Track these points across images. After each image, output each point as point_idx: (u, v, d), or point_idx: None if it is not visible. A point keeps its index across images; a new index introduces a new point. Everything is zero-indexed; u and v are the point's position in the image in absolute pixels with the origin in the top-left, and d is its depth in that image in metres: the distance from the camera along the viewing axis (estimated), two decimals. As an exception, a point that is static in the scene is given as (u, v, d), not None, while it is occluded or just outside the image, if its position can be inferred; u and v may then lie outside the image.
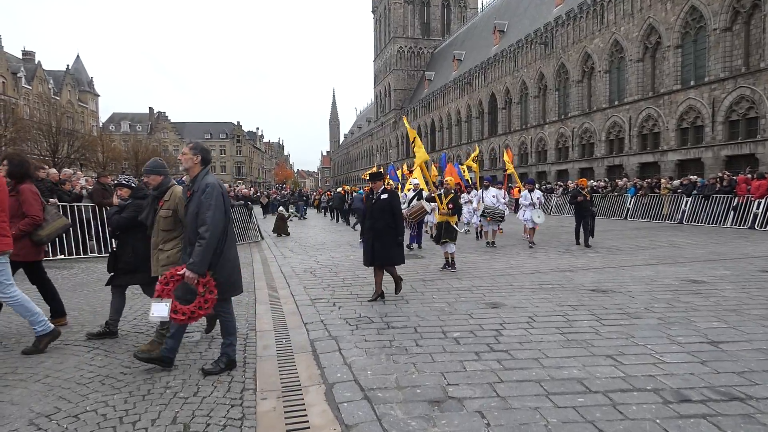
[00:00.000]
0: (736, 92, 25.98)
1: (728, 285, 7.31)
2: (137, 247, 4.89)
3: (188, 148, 4.16)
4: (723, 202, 17.48)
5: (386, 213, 6.58)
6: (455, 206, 9.12)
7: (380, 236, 6.53)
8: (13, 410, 3.34)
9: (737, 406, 3.32)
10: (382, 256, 6.58)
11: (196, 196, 4.00)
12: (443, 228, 8.95)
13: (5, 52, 53.49)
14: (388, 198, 6.66)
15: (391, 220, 6.57)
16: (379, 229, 6.56)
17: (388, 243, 6.52)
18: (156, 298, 3.88)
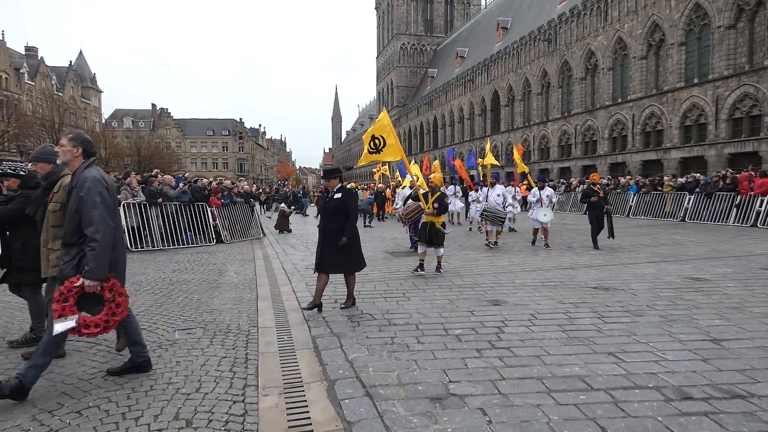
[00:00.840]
0: (740, 90, 25.87)
1: (730, 283, 7.29)
2: (27, 243, 4.41)
3: (67, 140, 3.70)
4: (726, 200, 17.43)
5: (339, 215, 5.88)
6: (441, 206, 8.31)
7: (332, 241, 5.81)
8: (16, 406, 3.36)
9: (739, 403, 3.32)
10: (335, 264, 5.86)
11: (74, 192, 3.57)
12: (428, 230, 8.32)
13: (8, 48, 53.52)
14: (341, 198, 5.96)
15: (344, 223, 5.84)
16: (330, 233, 5.86)
17: (343, 248, 5.79)
18: (58, 318, 3.42)
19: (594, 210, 11.43)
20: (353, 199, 6.14)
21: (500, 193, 12.00)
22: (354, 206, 6.04)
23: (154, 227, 12.20)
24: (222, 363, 4.19)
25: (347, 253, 5.87)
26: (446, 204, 8.47)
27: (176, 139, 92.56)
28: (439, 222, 8.39)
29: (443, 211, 8.39)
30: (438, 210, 8.30)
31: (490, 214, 11.43)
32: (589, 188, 11.59)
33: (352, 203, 6.04)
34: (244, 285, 7.72)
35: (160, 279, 8.09)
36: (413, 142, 76.70)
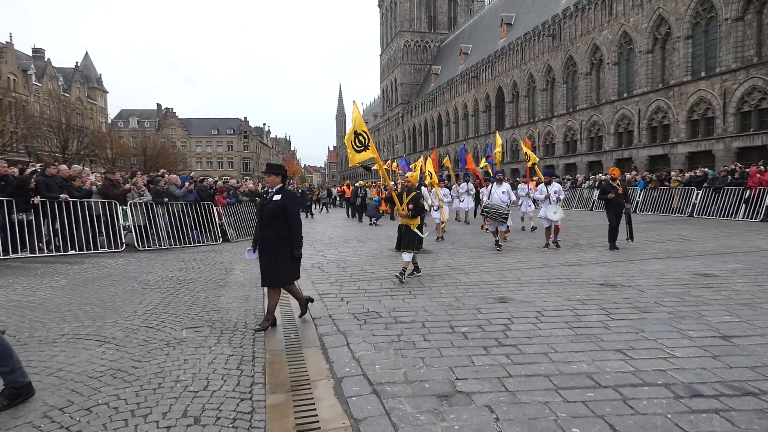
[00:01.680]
0: (748, 83, 25.64)
1: (740, 278, 7.23)
2: None
3: None
4: (734, 195, 17.28)
5: (278, 219, 5.15)
6: (416, 207, 7.68)
7: (268, 249, 5.15)
8: (27, 403, 3.38)
9: (750, 401, 3.29)
10: (270, 275, 5.17)
11: None
12: (402, 233, 7.74)
13: (16, 50, 53.87)
14: (281, 200, 5.19)
15: (284, 229, 5.14)
16: (267, 240, 5.17)
17: (279, 258, 5.11)
18: None
19: (612, 208, 10.54)
20: (295, 202, 5.35)
21: (505, 190, 11.20)
22: (295, 211, 5.28)
23: (161, 226, 12.25)
24: (229, 361, 4.20)
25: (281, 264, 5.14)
26: (421, 205, 7.75)
27: (181, 139, 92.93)
28: (414, 224, 7.69)
29: (418, 212, 7.73)
30: (413, 211, 7.68)
31: (491, 211, 10.78)
32: (608, 184, 10.71)
33: (294, 207, 5.26)
34: (250, 283, 7.74)
35: (168, 278, 8.13)
36: (417, 139, 76.59)
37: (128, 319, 5.54)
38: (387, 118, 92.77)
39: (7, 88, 47.63)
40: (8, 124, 40.36)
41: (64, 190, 10.66)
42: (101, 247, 11.09)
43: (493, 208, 10.74)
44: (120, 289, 7.16)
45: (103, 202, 11.33)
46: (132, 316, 5.64)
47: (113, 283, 7.61)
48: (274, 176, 5.40)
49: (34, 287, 7.26)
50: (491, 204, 10.87)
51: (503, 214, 10.72)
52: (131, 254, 10.97)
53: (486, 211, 10.92)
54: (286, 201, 5.21)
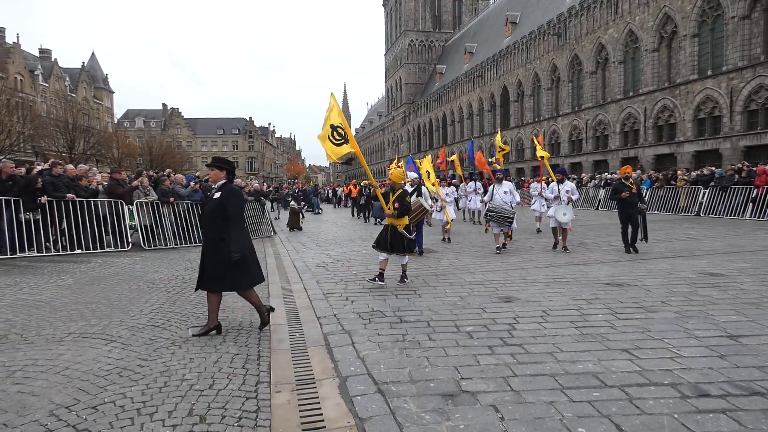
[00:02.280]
0: (755, 81, 25.46)
1: (747, 278, 7.18)
2: None
3: None
4: (741, 194, 17.17)
5: (218, 219, 4.72)
6: (402, 206, 7.15)
7: (210, 251, 4.80)
8: (33, 401, 3.41)
9: (758, 400, 3.27)
10: (210, 279, 4.79)
11: None
12: (389, 234, 7.16)
13: (23, 51, 54.24)
14: (220, 198, 4.77)
15: (224, 229, 4.70)
16: (208, 242, 4.84)
17: (219, 261, 4.72)
18: None
19: (625, 208, 9.91)
20: (235, 199, 4.83)
21: (508, 190, 10.50)
22: (236, 209, 4.81)
23: (167, 226, 12.30)
24: (235, 360, 4.21)
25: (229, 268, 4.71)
26: (408, 204, 7.28)
27: (187, 139, 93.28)
28: (401, 225, 7.22)
29: (405, 211, 7.24)
30: (399, 211, 7.16)
31: (495, 214, 10.15)
32: (620, 183, 10.04)
33: (234, 205, 4.77)
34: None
35: (173, 277, 8.16)
36: (422, 139, 76.54)
37: (134, 317, 5.57)
38: (392, 117, 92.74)
39: (14, 88, 47.98)
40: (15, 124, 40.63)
41: (71, 190, 10.72)
42: (107, 246, 11.15)
43: (496, 210, 10.17)
44: (126, 288, 7.20)
45: (110, 202, 11.39)
46: (138, 315, 5.67)
47: (119, 282, 7.64)
48: (217, 171, 4.92)
49: (41, 286, 7.31)
50: (494, 206, 10.29)
51: (508, 217, 10.14)
52: (137, 253, 11.02)
53: (489, 214, 10.32)
54: (225, 198, 4.74)
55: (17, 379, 3.80)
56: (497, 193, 10.45)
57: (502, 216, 10.12)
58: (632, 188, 9.85)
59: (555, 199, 10.78)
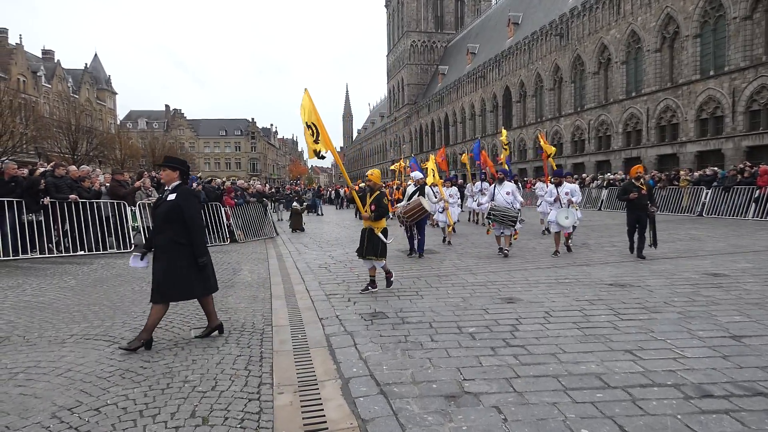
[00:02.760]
0: (757, 81, 25.41)
1: (750, 278, 7.16)
2: None
3: None
4: (744, 194, 17.13)
5: (173, 222, 4.50)
6: (378, 208, 6.76)
7: (162, 257, 4.52)
8: (36, 403, 3.41)
9: (761, 401, 3.26)
10: (162, 288, 4.49)
11: None
12: (365, 238, 6.84)
13: (26, 52, 54.42)
14: (175, 200, 4.53)
15: (181, 233, 4.49)
16: (161, 247, 4.55)
17: (175, 268, 4.47)
18: None
19: (634, 210, 9.26)
20: (192, 202, 4.66)
21: (510, 190, 10.11)
22: (195, 212, 4.62)
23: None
24: (237, 361, 4.21)
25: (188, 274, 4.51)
26: (385, 206, 6.87)
27: (189, 140, 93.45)
28: (379, 227, 6.85)
29: (382, 214, 6.83)
30: (376, 213, 6.79)
31: (499, 214, 9.77)
32: (630, 183, 9.45)
33: (192, 208, 4.58)
34: (258, 284, 7.76)
35: (175, 278, 8.16)
36: (424, 139, 76.53)
37: (137, 319, 5.58)
38: (394, 118, 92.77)
39: (17, 89, 48.13)
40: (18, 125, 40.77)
41: (74, 191, 10.75)
42: (110, 247, 11.17)
43: (500, 210, 9.83)
44: (129, 290, 7.21)
45: (112, 203, 11.41)
46: (141, 317, 5.67)
47: (122, 284, 7.66)
48: (170, 171, 4.65)
49: (43, 288, 7.33)
50: (497, 206, 9.94)
51: (512, 218, 9.72)
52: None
53: (492, 214, 9.92)
54: (181, 201, 4.51)
55: (19, 381, 3.80)
56: (499, 194, 10.13)
57: (505, 216, 9.74)
58: (642, 189, 9.17)
59: (554, 203, 10.28)
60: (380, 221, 6.87)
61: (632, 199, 9.10)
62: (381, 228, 6.87)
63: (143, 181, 12.58)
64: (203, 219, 4.44)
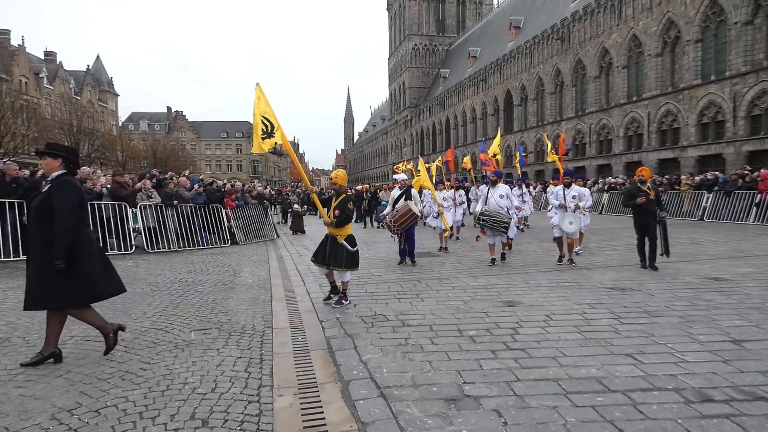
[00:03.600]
0: (758, 86, 25.42)
1: (751, 283, 7.15)
2: None
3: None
4: (745, 198, 17.12)
5: (43, 218, 3.95)
6: (342, 213, 6.13)
7: (34, 259, 4.02)
8: (35, 405, 3.41)
9: (762, 405, 3.25)
10: (33, 293, 3.99)
11: None
12: (328, 245, 6.25)
13: (28, 53, 54.58)
14: (48, 191, 4.01)
15: (51, 231, 3.90)
16: (33, 246, 4.06)
17: (46, 272, 3.91)
18: None
19: (641, 217, 8.51)
20: (67, 193, 3.99)
21: (504, 194, 9.31)
22: (66, 204, 3.95)
23: (170, 228, 12.32)
24: (237, 363, 4.21)
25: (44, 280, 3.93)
26: (350, 211, 6.28)
27: (191, 142, 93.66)
28: (342, 235, 6.20)
29: (346, 220, 6.21)
30: (339, 219, 6.15)
31: (489, 218, 8.95)
32: (635, 187, 8.75)
33: (64, 200, 3.94)
34: (258, 286, 7.76)
35: (176, 280, 8.17)
36: (425, 142, 76.57)
37: (137, 320, 5.58)
38: (395, 121, 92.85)
39: (19, 90, 48.29)
40: (20, 127, 40.86)
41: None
42: (111, 249, 11.17)
43: (491, 215, 8.98)
44: (129, 291, 7.18)
45: (113, 205, 11.42)
46: (141, 318, 5.68)
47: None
48: (50, 159, 4.09)
49: (44, 289, 7.31)
50: (488, 211, 9.07)
51: (504, 223, 8.92)
52: (140, 256, 11.05)
53: (482, 219, 9.05)
54: (54, 192, 3.92)
55: (19, 382, 3.80)
56: (492, 197, 9.33)
57: (496, 221, 8.93)
58: (650, 194, 8.40)
59: (560, 208, 9.37)
60: (344, 228, 6.25)
61: (639, 204, 8.36)
62: (345, 235, 6.22)
63: (143, 182, 12.60)
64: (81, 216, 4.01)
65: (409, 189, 9.69)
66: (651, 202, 8.37)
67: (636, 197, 8.45)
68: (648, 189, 8.49)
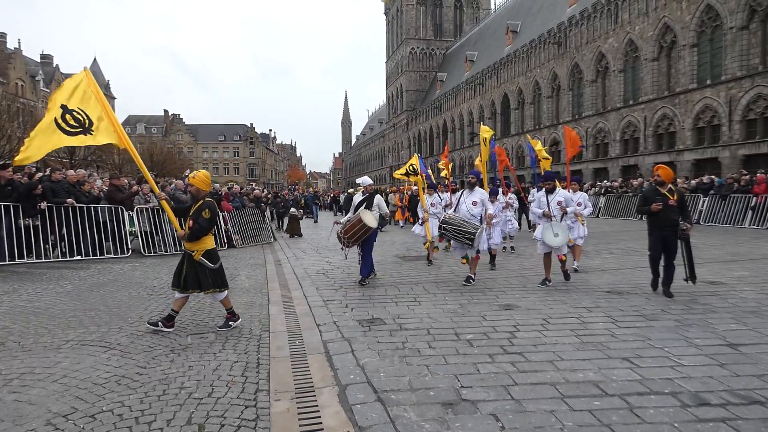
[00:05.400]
0: (754, 91, 25.59)
1: (747, 286, 7.18)
2: None
3: None
4: (741, 202, 17.19)
5: None
6: (195, 225, 5.20)
7: None
8: (30, 410, 3.39)
9: (757, 409, 3.26)
10: None
11: None
12: (185, 265, 5.28)
13: (24, 56, 54.51)
14: None
15: None
16: None
17: None
18: None
19: (658, 228, 6.77)
20: None
21: (478, 200, 7.82)
22: None
23: (167, 232, 12.29)
24: (234, 367, 4.20)
25: None
26: (206, 221, 5.23)
27: (188, 145, 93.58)
28: (199, 250, 5.26)
29: (200, 231, 5.23)
30: (192, 231, 5.21)
31: (451, 228, 7.50)
32: (651, 190, 6.96)
33: None
34: (255, 289, 7.74)
35: (173, 284, 8.14)
36: (423, 145, 76.67)
37: (133, 325, 5.56)
38: (392, 124, 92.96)
39: (15, 93, 48.14)
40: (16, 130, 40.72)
41: (71, 196, 10.72)
42: (107, 252, 11.13)
43: (453, 224, 7.53)
44: (125, 295, 7.19)
45: (110, 208, 11.38)
46: (137, 322, 5.65)
47: (119, 289, 7.63)
48: None
49: (39, 293, 7.29)
50: (452, 218, 7.66)
51: (468, 233, 7.38)
52: (137, 260, 11.01)
53: (444, 228, 7.62)
54: None
55: (14, 387, 3.78)
56: (464, 202, 7.92)
57: (459, 231, 7.44)
58: (670, 199, 6.62)
59: (544, 217, 7.67)
60: (201, 241, 5.29)
61: (655, 211, 6.63)
62: (203, 250, 5.28)
63: (141, 186, 12.57)
64: None
65: (372, 196, 8.19)
66: (670, 210, 6.60)
67: (652, 202, 6.71)
68: (667, 193, 6.70)
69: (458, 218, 7.69)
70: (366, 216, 7.65)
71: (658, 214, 6.66)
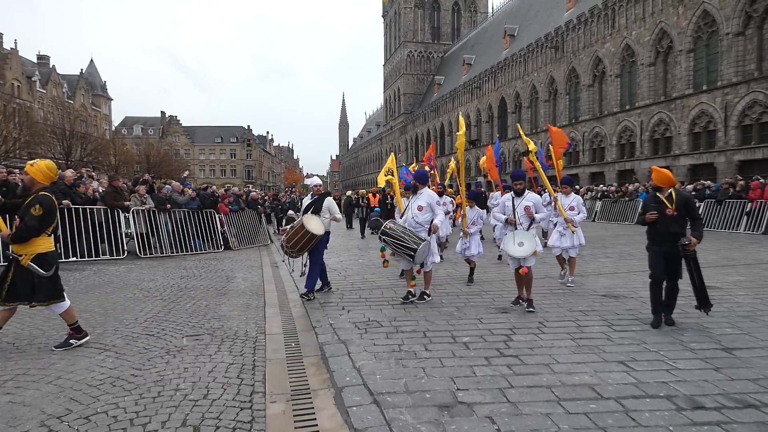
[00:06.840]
0: (749, 97, 25.71)
1: (742, 291, 7.21)
2: None
3: None
4: (736, 207, 17.28)
5: None
6: (22, 224, 4.51)
7: None
8: (25, 411, 3.37)
9: (752, 413, 3.27)
10: None
11: None
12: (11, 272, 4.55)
13: (20, 56, 54.34)
14: None
15: None
16: None
17: None
18: None
19: (657, 242, 5.57)
20: None
21: (425, 204, 6.63)
22: None
23: (163, 234, 12.26)
24: (230, 369, 4.19)
25: None
26: (34, 219, 4.43)
27: (185, 147, 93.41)
28: (28, 254, 4.47)
29: (27, 232, 4.44)
30: (16, 232, 4.47)
31: (390, 239, 6.39)
32: (650, 197, 5.75)
33: None
34: (251, 291, 7.73)
35: (169, 285, 8.12)
36: (420, 148, 76.72)
37: (129, 326, 5.54)
38: (390, 127, 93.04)
39: (11, 94, 48.05)
40: (12, 131, 40.59)
41: (67, 197, 10.69)
42: (103, 254, 11.10)
43: (394, 234, 6.38)
44: (121, 297, 7.16)
45: (106, 209, 11.35)
46: (133, 324, 5.64)
47: (114, 291, 7.60)
48: None
49: (35, 293, 7.25)
50: (395, 227, 6.51)
51: (408, 247, 6.28)
52: (133, 262, 10.98)
53: (383, 238, 6.47)
54: None
55: (8, 389, 3.76)
56: (412, 207, 6.71)
57: (397, 243, 6.34)
58: (669, 208, 5.37)
59: (508, 224, 6.46)
60: (31, 243, 4.48)
61: (651, 221, 5.47)
62: (32, 255, 4.47)
63: (137, 188, 12.54)
64: None
65: (321, 197, 7.18)
66: (670, 221, 5.39)
67: (651, 212, 5.48)
68: (665, 200, 5.43)
69: (400, 229, 6.47)
70: (310, 222, 6.71)
71: (656, 225, 5.48)
